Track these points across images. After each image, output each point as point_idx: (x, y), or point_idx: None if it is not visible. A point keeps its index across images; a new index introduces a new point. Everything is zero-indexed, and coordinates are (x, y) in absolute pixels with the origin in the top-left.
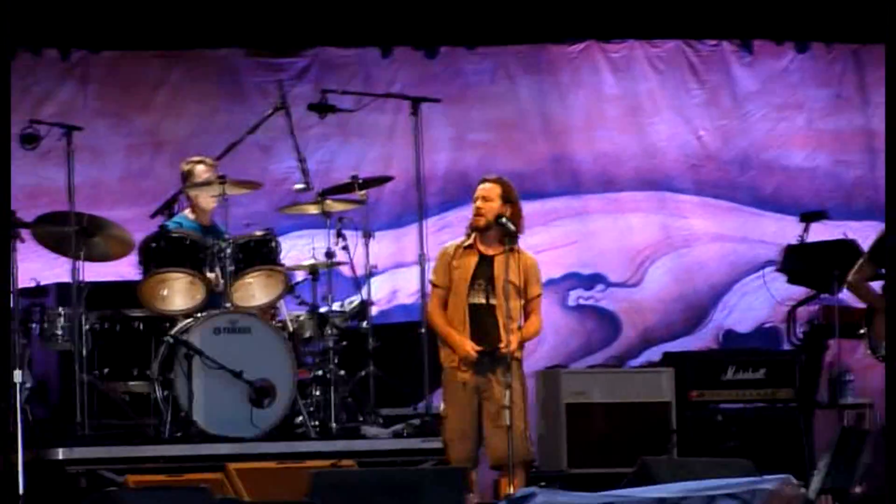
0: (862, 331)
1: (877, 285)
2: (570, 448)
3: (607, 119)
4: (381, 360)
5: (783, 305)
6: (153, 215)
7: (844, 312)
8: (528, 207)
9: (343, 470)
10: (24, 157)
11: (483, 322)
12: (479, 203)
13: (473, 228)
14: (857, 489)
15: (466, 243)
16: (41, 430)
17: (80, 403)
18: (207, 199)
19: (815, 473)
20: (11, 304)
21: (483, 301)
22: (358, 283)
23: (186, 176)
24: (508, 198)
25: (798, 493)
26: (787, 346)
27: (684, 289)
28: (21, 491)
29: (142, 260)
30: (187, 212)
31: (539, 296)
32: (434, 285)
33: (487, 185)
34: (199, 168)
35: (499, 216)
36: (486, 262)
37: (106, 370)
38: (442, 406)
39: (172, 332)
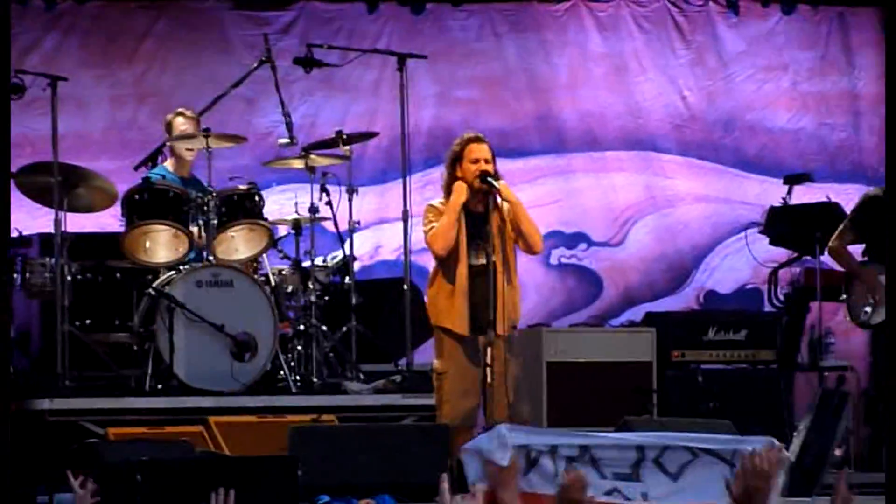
0: (842, 297)
1: (856, 251)
2: (550, 407)
3: (593, 78)
4: (364, 315)
5: (765, 267)
6: (137, 167)
7: (826, 275)
8: (512, 165)
9: (324, 425)
10: None
11: (482, 286)
12: (482, 164)
13: (478, 190)
14: (837, 451)
15: None
16: (22, 381)
17: (61, 354)
18: (184, 151)
19: (796, 435)
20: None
21: (484, 262)
22: (341, 238)
23: (167, 128)
24: (493, 157)
25: (782, 457)
26: (768, 308)
27: (666, 249)
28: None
29: (125, 212)
30: (168, 163)
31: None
32: (432, 222)
33: (485, 145)
34: (178, 120)
35: (484, 174)
36: (479, 221)
37: (87, 321)
38: (436, 362)
39: (155, 284)
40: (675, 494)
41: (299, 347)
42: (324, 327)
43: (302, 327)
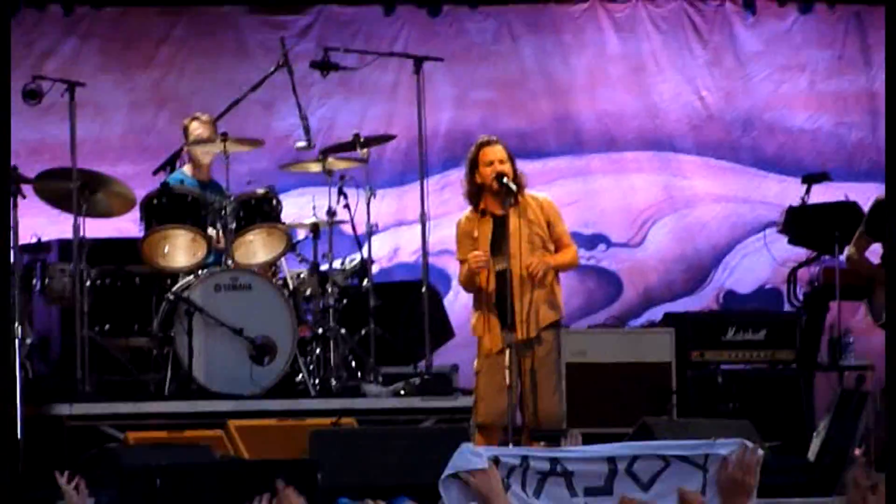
0: (866, 300)
1: (873, 254)
2: (569, 408)
3: (610, 79)
4: (382, 318)
5: (784, 267)
6: (155, 172)
7: (845, 274)
8: (529, 166)
9: (343, 428)
10: (26, 112)
11: (504, 293)
12: (497, 165)
13: (497, 192)
14: (857, 451)
15: (481, 208)
16: (41, 386)
17: (80, 359)
18: (201, 155)
19: (815, 435)
20: (13, 260)
21: (507, 266)
22: (359, 241)
23: (184, 132)
24: (511, 157)
25: (756, 458)
26: (787, 308)
27: (686, 249)
28: (20, 446)
29: (143, 216)
30: (186, 168)
31: (566, 231)
32: (462, 261)
33: (498, 146)
34: (194, 125)
35: (501, 176)
36: (501, 224)
37: (107, 326)
38: (476, 362)
39: (174, 288)
40: None
41: (318, 351)
42: (342, 330)
43: (320, 330)
